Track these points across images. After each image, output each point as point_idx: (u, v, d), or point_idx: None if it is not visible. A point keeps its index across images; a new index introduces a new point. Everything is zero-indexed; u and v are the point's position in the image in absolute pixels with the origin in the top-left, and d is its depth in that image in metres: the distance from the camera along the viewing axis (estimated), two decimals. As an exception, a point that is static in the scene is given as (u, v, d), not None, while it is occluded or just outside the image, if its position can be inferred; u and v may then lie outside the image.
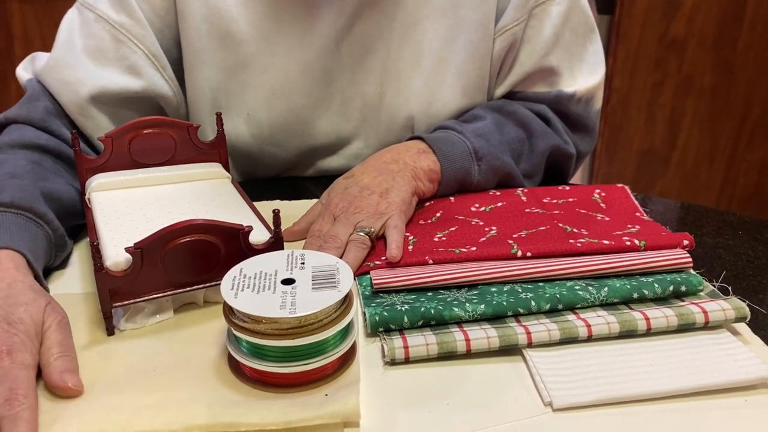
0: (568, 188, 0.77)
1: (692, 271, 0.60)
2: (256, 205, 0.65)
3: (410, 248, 0.64)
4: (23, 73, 0.78)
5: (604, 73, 0.84)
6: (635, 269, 0.58)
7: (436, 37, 0.77)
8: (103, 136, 0.66)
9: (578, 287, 0.57)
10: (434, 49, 0.78)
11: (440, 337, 0.52)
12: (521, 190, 0.77)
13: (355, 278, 0.62)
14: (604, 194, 0.76)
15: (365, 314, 0.55)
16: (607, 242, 0.62)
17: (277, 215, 0.57)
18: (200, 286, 0.56)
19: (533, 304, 0.55)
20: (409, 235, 0.67)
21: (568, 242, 0.62)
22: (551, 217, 0.70)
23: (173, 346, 0.53)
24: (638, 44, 1.95)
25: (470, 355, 0.52)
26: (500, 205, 0.74)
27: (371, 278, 0.59)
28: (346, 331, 0.50)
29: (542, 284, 0.58)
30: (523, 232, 0.66)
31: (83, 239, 0.69)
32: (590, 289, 0.56)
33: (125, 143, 0.66)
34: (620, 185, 0.77)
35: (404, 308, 0.54)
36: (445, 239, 0.66)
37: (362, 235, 0.63)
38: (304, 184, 0.86)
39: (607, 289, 0.56)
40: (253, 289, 0.48)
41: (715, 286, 0.59)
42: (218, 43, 0.76)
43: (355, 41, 0.77)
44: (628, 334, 0.53)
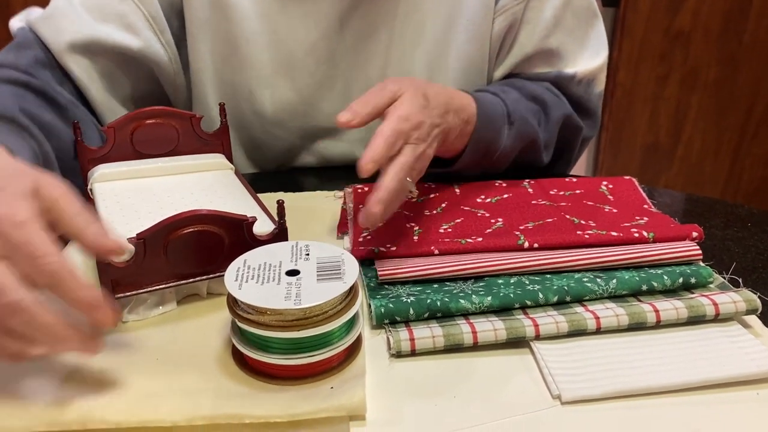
0: (575, 180, 0.76)
1: (701, 263, 0.59)
2: (259, 197, 0.64)
3: (415, 238, 0.64)
4: (16, 22, 0.75)
5: (606, 56, 0.83)
6: (644, 261, 0.58)
7: (438, 17, 0.77)
8: (105, 126, 0.65)
9: (586, 279, 0.56)
10: (436, 30, 0.78)
11: (447, 329, 0.51)
12: (527, 181, 0.76)
13: (359, 267, 0.61)
14: (611, 186, 0.75)
15: (370, 306, 0.54)
16: (615, 234, 0.61)
17: (281, 206, 0.56)
18: (204, 277, 0.55)
19: (541, 296, 0.54)
20: (414, 225, 0.67)
21: (575, 234, 0.61)
22: (558, 208, 0.69)
23: (176, 337, 0.52)
24: (643, 37, 1.94)
25: (477, 347, 0.51)
26: (506, 196, 0.73)
27: (376, 270, 0.59)
28: (351, 322, 0.49)
29: (550, 276, 0.58)
30: (530, 223, 0.65)
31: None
32: (599, 281, 0.55)
33: (128, 133, 0.65)
34: (627, 177, 0.76)
35: (410, 300, 0.54)
36: (450, 230, 0.65)
37: (406, 190, 0.59)
38: (306, 176, 0.85)
39: (615, 281, 0.55)
40: (257, 280, 0.47)
41: (725, 278, 0.58)
42: (221, 16, 0.76)
43: (359, 23, 0.77)
44: (637, 326, 0.52)
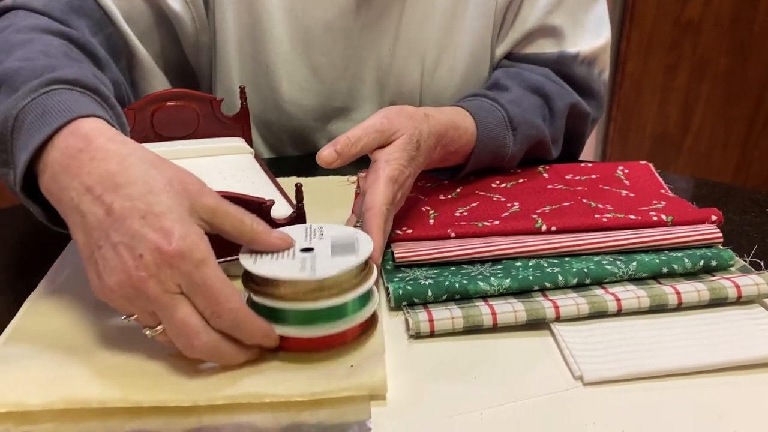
0: (590, 165, 0.76)
1: (721, 246, 0.58)
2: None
3: (431, 222, 0.63)
4: None
5: (609, 37, 0.82)
6: (664, 244, 0.57)
7: None
8: (125, 107, 0.64)
9: (606, 262, 0.55)
10: (446, 7, 0.77)
11: (466, 310, 0.51)
12: (542, 167, 0.76)
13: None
14: (627, 171, 0.74)
15: (388, 288, 0.54)
16: (633, 217, 0.61)
17: (299, 190, 0.56)
18: (222, 260, 0.55)
19: (560, 278, 0.54)
20: (429, 209, 0.66)
21: (593, 217, 0.61)
22: (575, 193, 0.68)
23: (194, 319, 0.52)
24: (652, 27, 1.92)
25: (496, 329, 0.51)
26: (521, 181, 0.72)
27: (393, 252, 0.58)
28: (366, 298, 0.49)
29: (568, 259, 0.57)
30: (546, 207, 0.65)
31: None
32: (618, 263, 0.55)
33: (147, 115, 0.65)
34: (643, 162, 0.76)
35: (428, 282, 0.53)
36: (466, 214, 0.65)
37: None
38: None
39: (635, 263, 0.55)
40: (271, 257, 0.47)
41: (746, 261, 0.58)
42: None
43: (373, 2, 0.76)
44: (658, 308, 0.52)
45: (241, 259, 0.47)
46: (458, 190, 0.71)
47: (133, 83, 0.75)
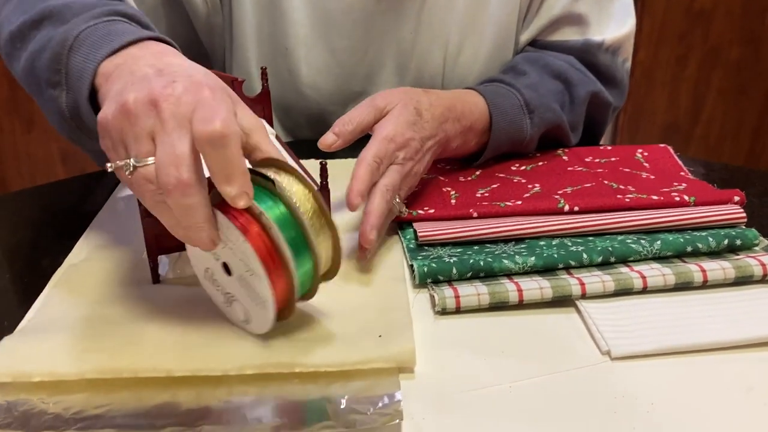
0: (609, 148, 0.76)
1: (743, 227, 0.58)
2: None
3: (453, 202, 0.63)
4: None
5: (633, 25, 0.82)
6: (687, 224, 0.57)
7: None
8: None
9: (630, 240, 0.55)
10: None
11: (491, 287, 0.51)
12: (561, 150, 0.76)
13: (397, 230, 0.61)
14: (646, 154, 0.74)
15: (412, 266, 0.54)
16: (656, 197, 0.61)
17: (324, 167, 0.56)
18: None
19: (585, 256, 0.54)
20: (450, 189, 0.66)
21: (615, 197, 0.61)
22: (596, 174, 0.68)
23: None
24: (663, 16, 1.91)
25: (521, 306, 0.51)
26: (541, 164, 0.72)
27: (416, 231, 0.58)
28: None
29: (592, 238, 0.57)
30: (568, 188, 0.65)
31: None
32: (642, 242, 0.55)
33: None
34: (662, 145, 0.76)
35: (452, 260, 0.54)
36: (487, 195, 0.65)
37: (396, 210, 0.60)
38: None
39: (660, 242, 0.55)
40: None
41: (769, 241, 0.58)
42: None
43: None
44: (683, 286, 0.52)
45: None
46: (478, 172, 0.71)
47: None
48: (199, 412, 0.42)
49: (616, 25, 0.80)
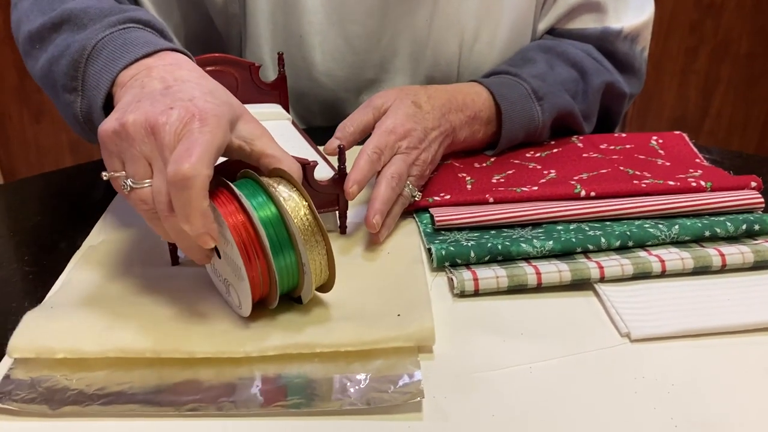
0: (624, 135, 0.76)
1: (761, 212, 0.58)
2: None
3: (469, 188, 0.63)
4: None
5: (652, 12, 0.82)
6: (705, 209, 0.57)
7: None
8: None
9: (648, 225, 0.55)
10: None
11: (510, 270, 0.51)
12: (576, 137, 0.76)
13: (413, 214, 0.61)
14: (661, 141, 0.74)
15: (430, 250, 0.54)
16: (672, 183, 0.61)
17: (342, 151, 0.56)
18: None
19: (603, 240, 0.54)
20: (466, 176, 0.66)
21: (632, 183, 0.61)
22: (611, 161, 0.68)
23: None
24: (674, 7, 1.90)
25: (539, 289, 0.51)
26: (556, 151, 0.72)
27: (432, 216, 0.58)
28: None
29: (609, 223, 0.57)
30: (584, 174, 0.65)
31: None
32: (660, 227, 0.55)
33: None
34: (677, 132, 0.76)
35: (470, 244, 0.54)
36: (503, 180, 0.65)
37: (408, 195, 0.60)
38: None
39: (678, 227, 0.55)
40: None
41: (788, 226, 0.58)
42: None
43: None
44: (702, 270, 0.52)
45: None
46: (492, 159, 0.71)
47: None
48: (220, 389, 0.42)
49: (634, 12, 0.79)
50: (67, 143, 1.97)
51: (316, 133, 0.85)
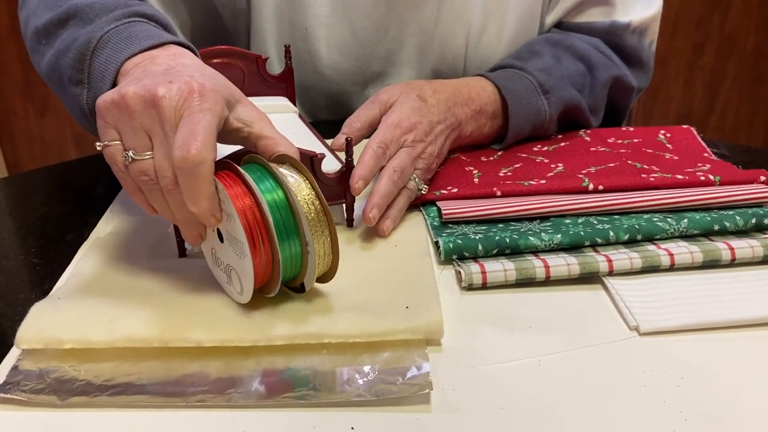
0: (632, 129, 0.75)
1: (771, 207, 0.58)
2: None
3: (476, 181, 0.63)
4: None
5: (660, 6, 0.81)
6: (714, 203, 0.57)
7: None
8: None
9: (656, 219, 0.55)
10: None
11: (518, 263, 0.51)
12: (583, 131, 0.75)
13: (420, 207, 0.61)
14: (669, 135, 0.74)
15: (437, 243, 0.54)
16: (681, 177, 0.60)
17: (349, 144, 0.56)
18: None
19: (612, 234, 0.53)
20: (473, 169, 0.66)
21: (640, 177, 0.61)
22: (619, 155, 0.68)
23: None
24: (680, 3, 1.90)
25: (548, 283, 0.51)
26: (563, 144, 0.72)
27: (440, 209, 0.58)
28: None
29: (618, 216, 0.57)
30: (591, 168, 0.64)
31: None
32: (669, 220, 0.55)
33: (191, 72, 0.65)
34: (685, 126, 0.75)
35: (477, 237, 0.54)
36: (510, 174, 0.65)
37: (414, 188, 0.60)
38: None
39: (686, 220, 0.54)
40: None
41: (797, 221, 0.57)
42: None
43: None
44: (711, 263, 0.52)
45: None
46: (500, 153, 0.71)
47: None
48: (228, 380, 0.42)
49: (642, 6, 0.79)
50: (71, 137, 1.97)
51: (322, 126, 0.85)
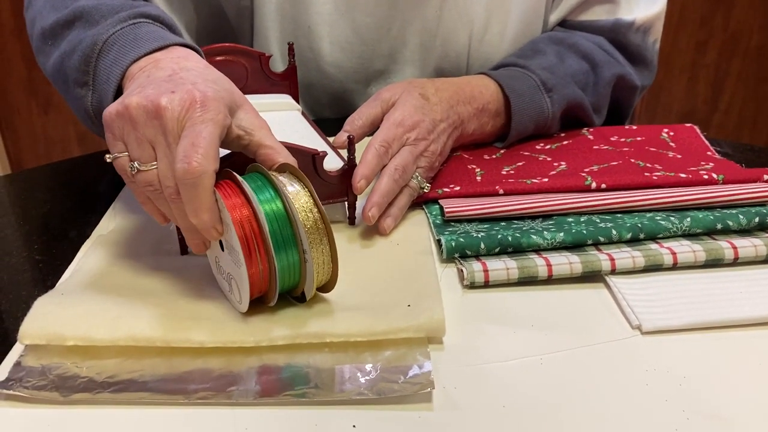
0: (635, 127, 0.75)
1: (774, 206, 0.58)
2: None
3: (478, 179, 0.63)
4: None
5: (665, 4, 0.81)
6: (717, 201, 0.57)
7: None
8: None
9: (659, 217, 0.55)
10: None
11: (520, 261, 0.51)
12: (586, 129, 0.75)
13: (422, 205, 0.61)
14: (672, 133, 0.74)
15: (440, 241, 0.54)
16: (684, 176, 0.60)
17: (351, 142, 0.56)
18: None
19: (614, 233, 0.53)
20: (475, 167, 0.66)
21: (643, 175, 0.61)
22: (622, 153, 0.68)
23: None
24: (684, 0, 1.89)
25: (550, 281, 0.51)
26: (566, 143, 0.72)
27: (442, 207, 0.58)
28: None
29: (620, 215, 0.57)
30: (594, 166, 0.64)
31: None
32: (672, 219, 0.54)
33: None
34: (689, 125, 0.75)
35: (480, 235, 0.53)
36: (513, 172, 0.65)
37: (417, 186, 0.60)
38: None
39: (689, 219, 0.54)
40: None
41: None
42: None
43: None
44: (714, 262, 0.51)
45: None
46: (502, 151, 0.71)
47: None
48: (230, 378, 0.42)
49: (646, 4, 0.79)
50: (74, 135, 1.97)
51: (325, 124, 0.85)
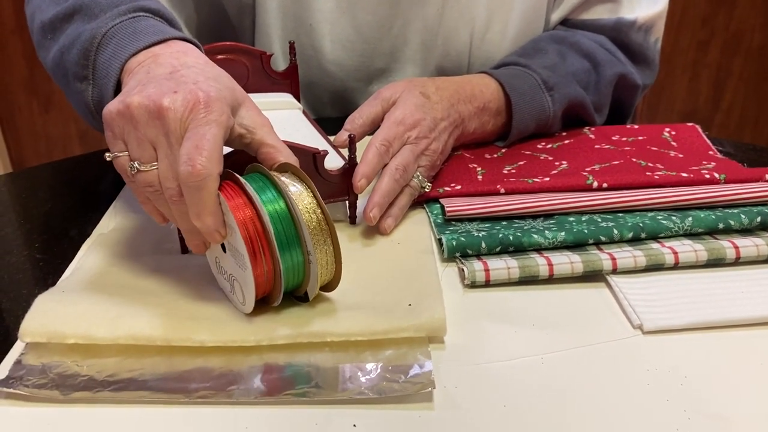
0: (636, 127, 0.75)
1: (776, 205, 0.57)
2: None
3: (480, 178, 0.63)
4: None
5: (666, 3, 0.81)
6: (718, 201, 0.57)
7: None
8: None
9: (661, 217, 0.55)
10: None
11: (521, 261, 0.51)
12: (587, 128, 0.75)
13: (423, 204, 0.61)
14: (674, 133, 0.73)
15: (441, 240, 0.54)
16: (685, 175, 0.60)
17: (352, 141, 0.55)
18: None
19: (615, 232, 0.53)
20: (476, 166, 0.66)
21: (645, 174, 0.60)
22: (624, 152, 0.68)
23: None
24: (686, 0, 1.89)
25: (551, 281, 0.51)
26: (567, 142, 0.72)
27: (443, 206, 0.58)
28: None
29: (622, 214, 0.57)
30: (596, 165, 0.64)
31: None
32: (674, 218, 0.54)
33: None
34: (690, 124, 0.75)
35: (481, 234, 0.53)
36: (514, 171, 0.65)
37: (418, 185, 0.60)
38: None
39: (691, 218, 0.54)
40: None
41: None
42: None
43: None
44: (715, 262, 0.51)
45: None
46: (503, 150, 0.71)
47: None
48: (230, 377, 0.42)
49: (648, 3, 0.79)
50: (75, 133, 1.97)
51: (326, 123, 0.85)
